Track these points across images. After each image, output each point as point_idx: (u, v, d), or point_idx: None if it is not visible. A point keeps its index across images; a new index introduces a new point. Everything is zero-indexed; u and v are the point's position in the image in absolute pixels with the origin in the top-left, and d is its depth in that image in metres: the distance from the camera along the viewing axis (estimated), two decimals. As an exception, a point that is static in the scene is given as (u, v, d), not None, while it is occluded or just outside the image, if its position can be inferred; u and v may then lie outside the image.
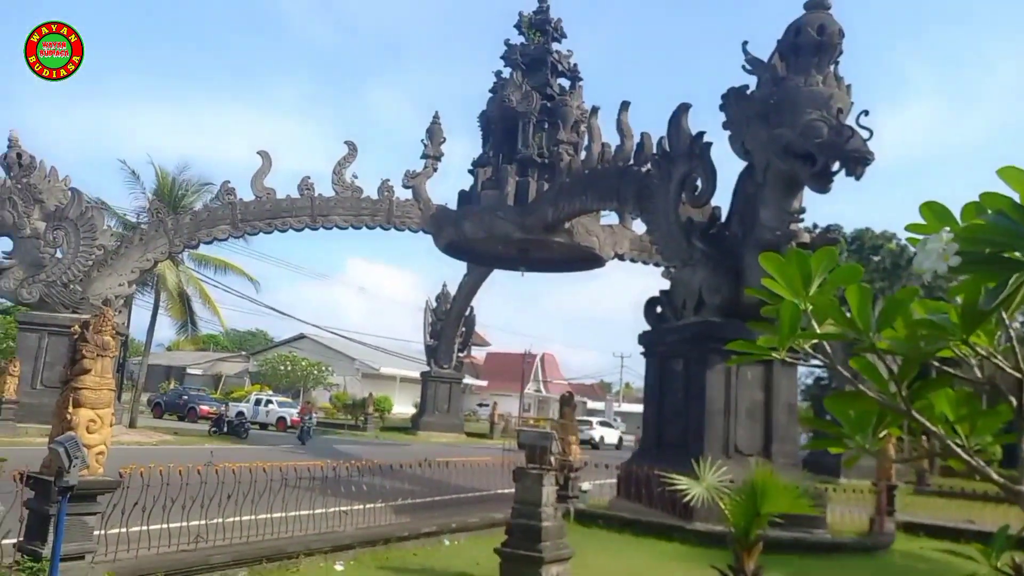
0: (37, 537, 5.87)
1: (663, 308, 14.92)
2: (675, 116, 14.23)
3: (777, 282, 1.89)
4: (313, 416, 30.33)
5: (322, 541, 8.44)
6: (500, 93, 21.60)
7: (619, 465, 14.26)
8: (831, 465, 20.97)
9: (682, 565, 9.59)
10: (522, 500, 7.95)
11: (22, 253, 22.00)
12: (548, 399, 69.02)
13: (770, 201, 12.96)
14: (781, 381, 13.27)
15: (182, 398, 37.18)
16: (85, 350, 6.25)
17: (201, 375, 55.65)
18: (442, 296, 36.97)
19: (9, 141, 22.43)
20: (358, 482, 10.32)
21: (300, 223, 24.02)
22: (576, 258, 22.61)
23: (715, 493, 6.75)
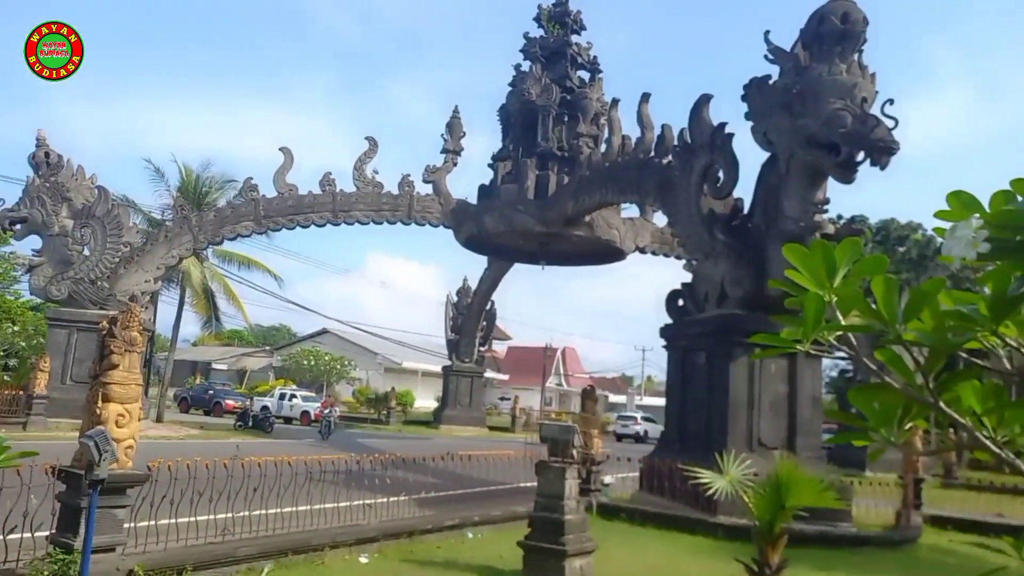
0: (69, 529, 5.99)
1: (685, 301, 14.83)
2: (696, 107, 14.11)
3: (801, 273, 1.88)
4: (334, 410, 29.70)
5: (347, 534, 8.52)
6: (519, 86, 21.56)
7: (641, 459, 14.22)
8: (856, 458, 20.77)
9: (706, 559, 9.55)
10: (544, 493, 7.96)
11: (51, 251, 22.41)
12: (569, 393, 68.97)
13: (793, 192, 12.82)
14: (805, 374, 13.15)
15: (208, 393, 37.70)
16: (113, 346, 6.35)
17: (226, 370, 56.35)
18: (463, 290, 37.05)
19: (37, 141, 22.82)
20: (381, 475, 10.41)
21: (322, 219, 24.21)
22: (597, 251, 22.53)
23: (739, 487, 6.70)
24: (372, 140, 25.23)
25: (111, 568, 6.10)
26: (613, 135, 18.55)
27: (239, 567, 7.22)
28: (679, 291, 15.06)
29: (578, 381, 65.62)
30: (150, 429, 20.92)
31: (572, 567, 7.56)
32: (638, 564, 9.04)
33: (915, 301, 1.58)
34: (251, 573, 7.21)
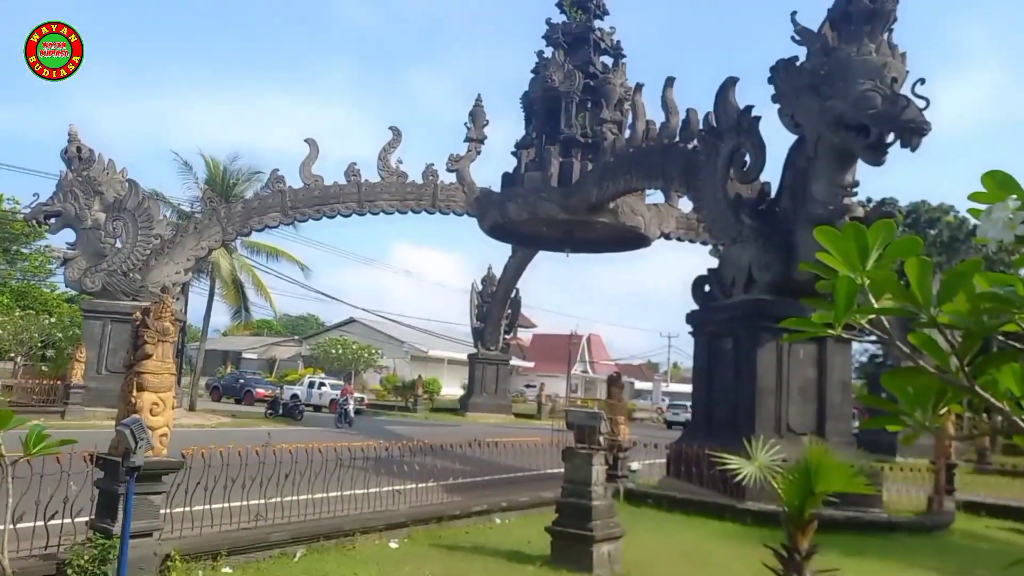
0: (108, 515, 6.13)
1: (711, 287, 14.71)
2: (722, 90, 13.94)
3: (832, 256, 1.86)
4: (350, 399, 28.08)
5: (377, 519, 8.63)
6: (542, 73, 21.44)
7: (668, 445, 14.20)
8: (887, 444, 20.52)
9: (734, 544, 9.52)
10: (572, 479, 7.99)
11: (84, 244, 22.84)
12: (595, 380, 68.91)
13: (822, 175, 12.63)
14: (834, 358, 13.00)
15: (239, 382, 38.31)
16: (146, 336, 6.48)
17: (256, 359, 57.17)
18: (488, 278, 37.12)
19: (69, 136, 23.22)
20: (410, 462, 10.51)
21: (347, 209, 24.35)
22: (621, 238, 22.43)
23: (767, 472, 6.66)
24: (396, 130, 25.28)
25: (148, 553, 6.25)
26: (637, 120, 18.41)
27: (272, 552, 7.36)
28: (705, 277, 14.95)
29: (603, 368, 65.53)
30: (183, 417, 21.32)
31: (600, 552, 7.60)
32: (666, 550, 9.05)
33: (950, 283, 1.56)
34: (284, 558, 7.34)
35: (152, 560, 6.26)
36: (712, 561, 8.54)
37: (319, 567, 7.10)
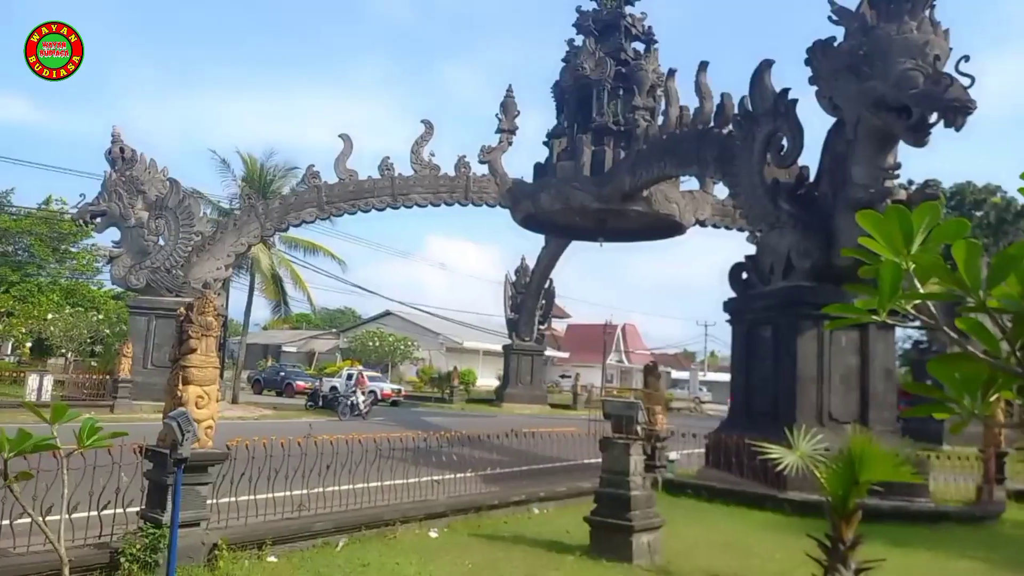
0: (157, 505, 6.32)
1: (749, 274, 14.51)
2: (757, 73, 13.70)
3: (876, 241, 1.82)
4: (358, 389, 26.14)
5: (417, 509, 8.73)
6: (573, 62, 21.30)
7: (707, 435, 14.08)
8: (932, 432, 20.08)
9: (776, 534, 9.42)
10: (610, 469, 7.99)
11: (129, 242, 23.43)
12: (631, 369, 68.57)
13: (862, 158, 12.35)
14: (877, 345, 12.74)
15: (279, 374, 39.00)
16: (191, 331, 6.63)
17: (295, 352, 58.10)
18: (521, 269, 37.13)
19: (112, 137, 23.81)
20: (447, 452, 10.60)
21: (382, 203, 24.56)
22: (655, 226, 22.21)
23: (810, 462, 6.57)
24: (428, 123, 25.39)
25: (196, 542, 6.42)
26: (670, 106, 18.19)
27: (315, 541, 7.50)
28: (743, 264, 14.75)
29: (639, 358, 65.18)
30: (226, 410, 21.78)
31: (640, 542, 7.58)
32: (707, 540, 8.99)
33: (1000, 266, 1.52)
34: (327, 547, 7.48)
35: (200, 549, 6.44)
36: (754, 551, 8.47)
37: (361, 556, 7.21)
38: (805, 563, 6.80)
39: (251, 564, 6.68)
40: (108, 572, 5.99)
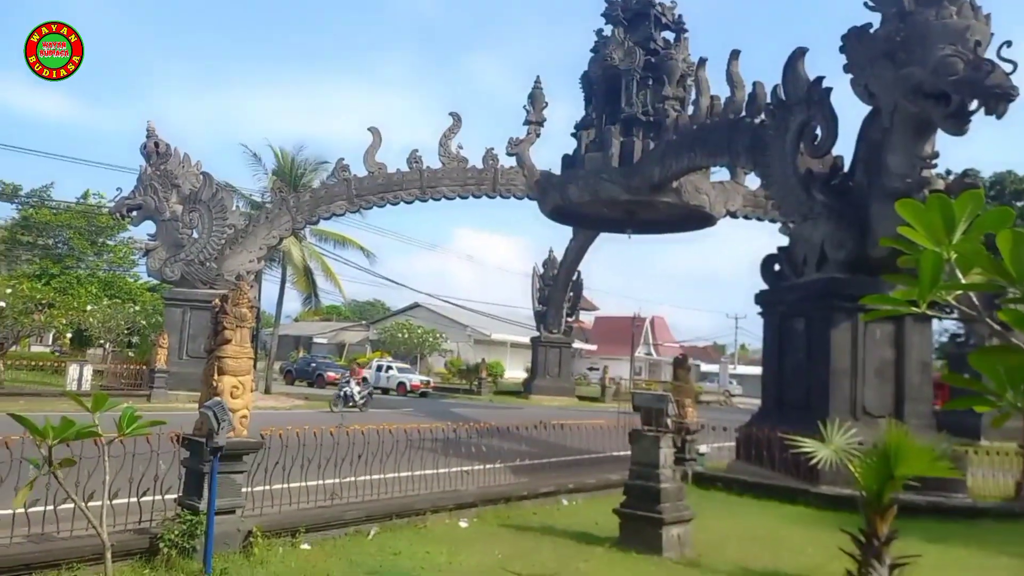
0: (194, 493, 6.45)
1: (781, 265, 14.33)
2: (790, 61, 13.48)
3: (915, 230, 1.80)
4: (352, 382, 24.59)
5: (446, 499, 8.81)
6: (601, 52, 21.14)
7: (737, 428, 13.97)
8: (970, 426, 19.67)
9: (809, 529, 9.33)
10: (639, 462, 7.97)
11: (164, 235, 23.87)
12: (659, 362, 68.21)
13: (898, 146, 12.10)
14: (913, 338, 12.51)
15: (311, 365, 39.54)
16: (226, 322, 6.75)
17: (326, 343, 58.80)
18: (549, 262, 37.08)
19: (147, 132, 24.24)
20: (477, 443, 10.66)
21: (410, 196, 24.68)
22: (685, 218, 22.01)
23: (844, 455, 6.48)
24: (456, 115, 25.42)
25: (232, 529, 6.55)
26: (701, 96, 17.96)
27: (347, 529, 7.60)
28: (775, 255, 14.58)
29: (668, 350, 64.76)
30: (259, 400, 22.11)
31: (669, 535, 7.56)
32: (737, 533, 8.93)
33: (1047, 256, 1.49)
34: (359, 535, 7.58)
35: (236, 536, 6.57)
36: (786, 545, 8.39)
37: (392, 545, 7.30)
38: (838, 558, 6.73)
39: (285, 551, 6.79)
40: (148, 557, 6.14)
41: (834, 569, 6.85)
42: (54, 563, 5.70)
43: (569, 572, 6.83)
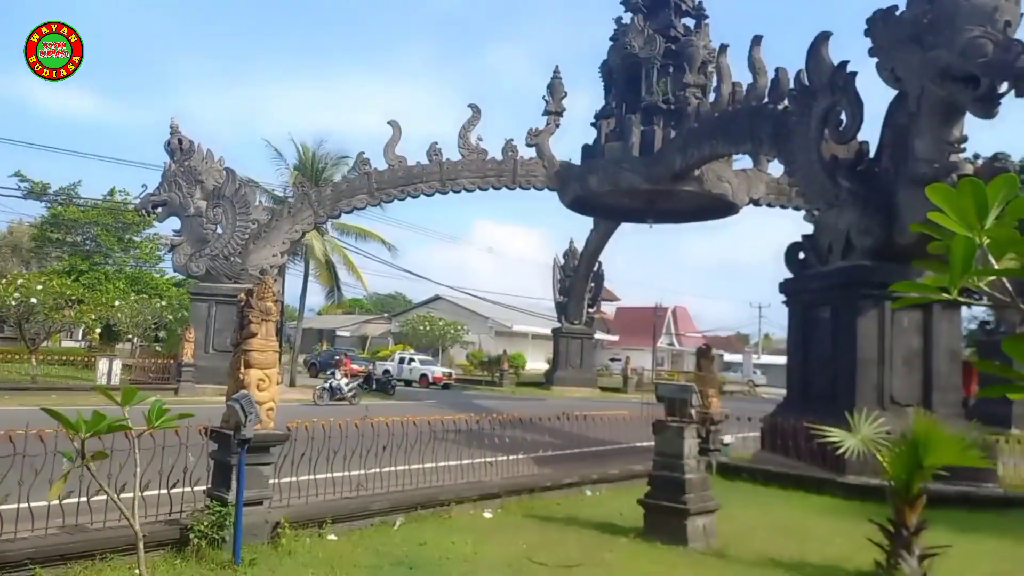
0: (222, 484, 6.55)
1: (806, 253, 14.17)
2: (814, 46, 13.28)
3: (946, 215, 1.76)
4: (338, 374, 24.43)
5: (471, 490, 8.85)
6: (621, 40, 21.01)
7: (762, 418, 13.88)
8: (1000, 415, 19.33)
9: (835, 519, 9.25)
10: (663, 452, 7.94)
11: (188, 230, 24.16)
12: (682, 352, 67.86)
13: (925, 131, 11.88)
14: (941, 326, 12.32)
15: (334, 358, 39.85)
16: (251, 316, 6.82)
17: (349, 336, 59.23)
18: (569, 252, 36.98)
19: (171, 129, 24.51)
20: (500, 435, 10.69)
21: (430, 188, 24.71)
22: (707, 206, 21.85)
23: (871, 445, 6.42)
24: (475, 107, 25.38)
25: (260, 520, 6.64)
26: (722, 83, 17.79)
27: (373, 520, 7.67)
28: (799, 243, 14.42)
29: (690, 340, 64.40)
30: (284, 393, 22.25)
31: (694, 525, 7.54)
32: (763, 524, 8.88)
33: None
34: (384, 526, 7.65)
35: (264, 527, 6.65)
36: (812, 536, 8.33)
37: (418, 535, 7.36)
38: (866, 548, 6.68)
39: (312, 542, 6.87)
40: (179, 547, 6.24)
41: (862, 560, 6.80)
42: (88, 553, 5.82)
43: (594, 562, 6.84)
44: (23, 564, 5.47)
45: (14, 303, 25.90)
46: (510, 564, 6.63)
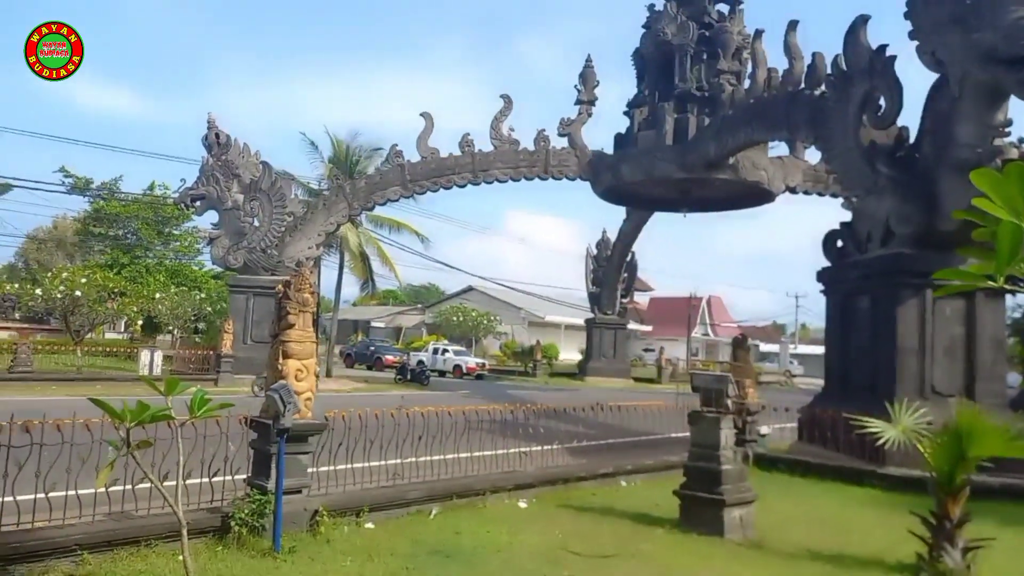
0: (262, 473, 6.68)
1: (844, 242, 13.92)
2: (852, 30, 12.99)
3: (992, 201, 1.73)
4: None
5: (505, 480, 8.90)
6: (654, 27, 20.75)
7: (800, 409, 13.70)
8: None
9: (876, 511, 9.11)
10: (699, 443, 7.89)
11: (226, 224, 24.59)
12: (717, 343, 67.17)
13: (968, 115, 11.56)
14: (985, 314, 12.02)
15: (369, 349, 40.33)
16: (289, 307, 6.93)
17: (383, 327, 59.83)
18: (602, 243, 36.81)
19: (208, 123, 24.94)
20: (534, 425, 10.72)
21: (463, 179, 24.77)
22: (742, 194, 21.54)
23: (912, 436, 6.30)
24: (507, 98, 25.35)
25: (299, 508, 6.76)
26: (757, 69, 17.47)
27: (409, 509, 7.76)
28: (837, 231, 14.17)
29: (725, 331, 63.72)
30: (321, 383, 22.52)
31: (731, 517, 7.49)
32: (801, 515, 8.79)
33: None
34: (420, 515, 7.73)
35: (303, 515, 6.78)
36: (852, 528, 8.22)
37: (453, 524, 7.43)
38: (907, 540, 6.57)
39: (350, 530, 6.98)
40: (220, 535, 6.39)
41: (903, 552, 6.68)
42: (134, 540, 5.98)
43: (630, 553, 6.83)
44: (72, 550, 5.64)
45: (60, 296, 26.68)
46: (545, 554, 6.66)
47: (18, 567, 5.41)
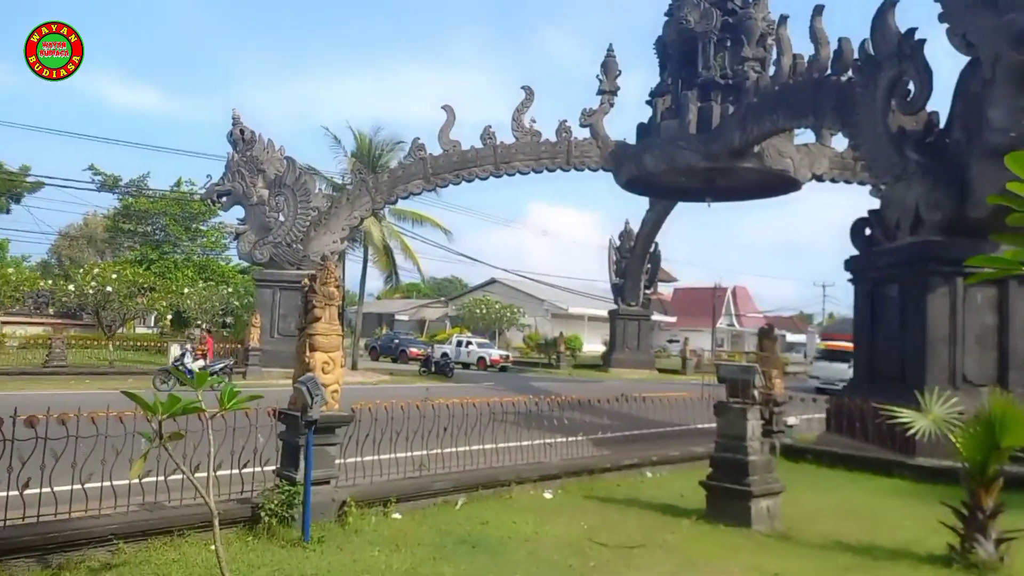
0: (291, 464, 6.77)
1: (872, 229, 13.71)
2: (880, 13, 12.75)
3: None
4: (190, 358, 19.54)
5: (531, 471, 8.92)
6: (676, 15, 20.56)
7: (827, 399, 13.55)
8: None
9: (906, 502, 8.99)
10: (726, 434, 7.85)
11: (252, 219, 24.86)
12: (742, 333, 66.63)
13: (1000, 99, 11.31)
14: (1018, 302, 11.78)
15: (394, 342, 40.62)
16: (315, 300, 7.01)
17: (407, 320, 60.18)
18: (625, 233, 36.62)
19: (233, 120, 25.19)
20: (558, 416, 10.73)
21: (485, 172, 24.77)
22: (768, 183, 21.31)
23: (943, 426, 6.20)
24: (528, 89, 25.27)
25: (327, 499, 6.85)
26: (783, 56, 17.24)
27: (436, 500, 7.83)
28: (865, 219, 13.96)
29: (750, 321, 63.17)
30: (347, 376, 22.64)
31: (758, 508, 7.44)
32: (829, 506, 8.71)
33: None
34: (447, 505, 7.79)
35: (331, 506, 6.86)
36: (881, 519, 8.13)
37: (479, 515, 7.47)
38: (938, 532, 6.49)
39: (378, 520, 7.05)
40: (250, 525, 6.49)
41: (934, 544, 6.60)
42: (167, 530, 6.11)
43: (656, 544, 6.83)
44: (108, 539, 5.77)
45: (91, 292, 27.19)
46: (571, 544, 6.68)
47: (56, 556, 5.55)
